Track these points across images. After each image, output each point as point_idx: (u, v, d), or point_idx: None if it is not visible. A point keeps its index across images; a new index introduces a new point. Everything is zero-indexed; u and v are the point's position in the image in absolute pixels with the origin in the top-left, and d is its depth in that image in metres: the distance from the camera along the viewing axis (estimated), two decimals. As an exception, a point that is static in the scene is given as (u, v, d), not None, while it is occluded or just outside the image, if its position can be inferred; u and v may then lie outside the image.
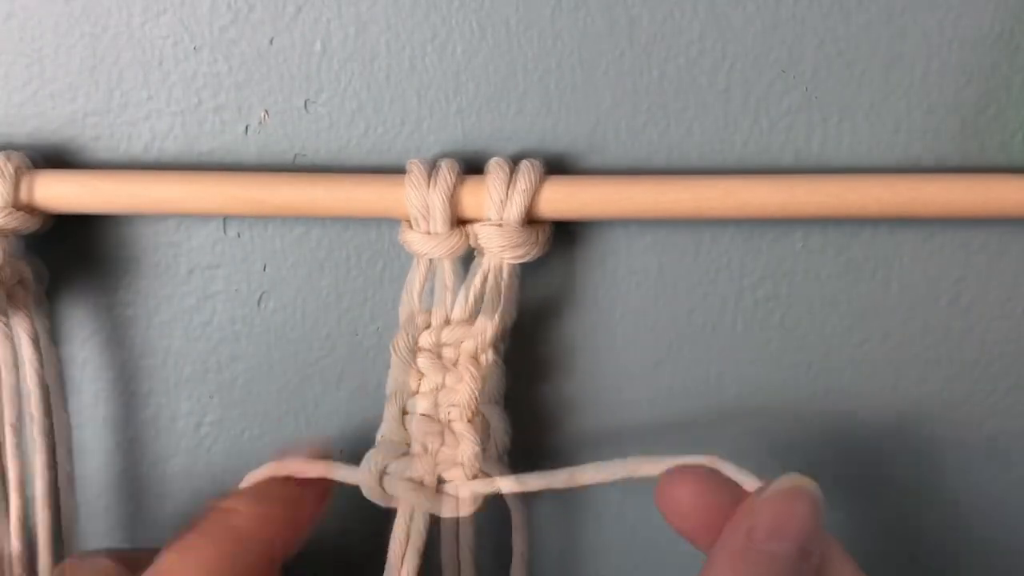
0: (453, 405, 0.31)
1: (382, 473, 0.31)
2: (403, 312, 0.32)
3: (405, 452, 0.32)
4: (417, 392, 0.32)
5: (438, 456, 0.31)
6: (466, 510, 0.31)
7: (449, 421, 0.31)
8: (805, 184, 0.31)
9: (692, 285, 0.35)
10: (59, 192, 0.32)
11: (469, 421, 0.31)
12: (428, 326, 0.32)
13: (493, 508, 0.35)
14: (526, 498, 0.33)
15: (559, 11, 0.32)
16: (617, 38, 0.32)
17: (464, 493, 0.32)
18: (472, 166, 0.33)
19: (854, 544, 0.38)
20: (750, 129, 0.33)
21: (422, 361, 0.32)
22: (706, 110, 0.33)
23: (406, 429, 0.32)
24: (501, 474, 0.33)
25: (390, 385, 0.32)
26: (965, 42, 0.32)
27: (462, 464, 0.31)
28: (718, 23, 0.32)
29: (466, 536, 0.34)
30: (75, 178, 0.32)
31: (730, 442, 0.36)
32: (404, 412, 0.32)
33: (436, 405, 0.32)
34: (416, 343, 0.32)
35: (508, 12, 0.32)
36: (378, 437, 0.32)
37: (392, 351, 0.32)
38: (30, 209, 0.32)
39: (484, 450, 0.32)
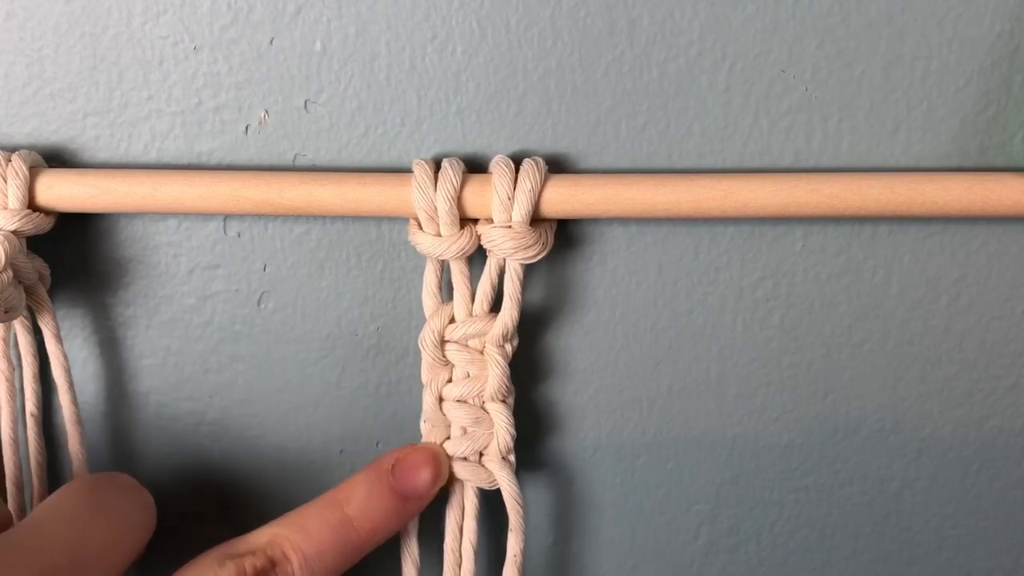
0: (484, 389, 0.33)
1: None
2: (426, 309, 0.33)
3: (447, 437, 0.34)
4: (450, 380, 0.33)
5: (475, 436, 0.33)
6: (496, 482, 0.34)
7: (482, 404, 0.33)
8: (805, 184, 0.31)
9: (692, 285, 0.35)
10: (62, 192, 0.32)
11: (503, 401, 0.33)
12: (452, 320, 0.33)
13: (489, 508, 0.35)
14: (523, 499, 0.34)
15: (559, 11, 0.32)
16: (617, 38, 0.32)
17: (469, 492, 0.34)
18: (472, 166, 0.33)
19: (854, 543, 0.38)
20: (750, 129, 0.33)
21: (451, 353, 0.33)
22: (706, 110, 0.33)
23: (444, 415, 0.33)
24: (504, 473, 0.33)
25: (424, 376, 0.34)
26: (965, 42, 0.32)
27: (497, 441, 0.33)
28: (718, 23, 0.32)
29: (470, 532, 0.34)
30: (78, 177, 0.32)
31: (730, 442, 0.36)
32: (441, 399, 0.33)
33: (468, 391, 0.33)
34: (443, 337, 0.33)
35: (508, 12, 0.32)
36: (422, 424, 0.34)
37: (421, 345, 0.33)
38: (37, 209, 0.32)
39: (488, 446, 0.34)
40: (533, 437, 0.36)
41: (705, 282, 0.35)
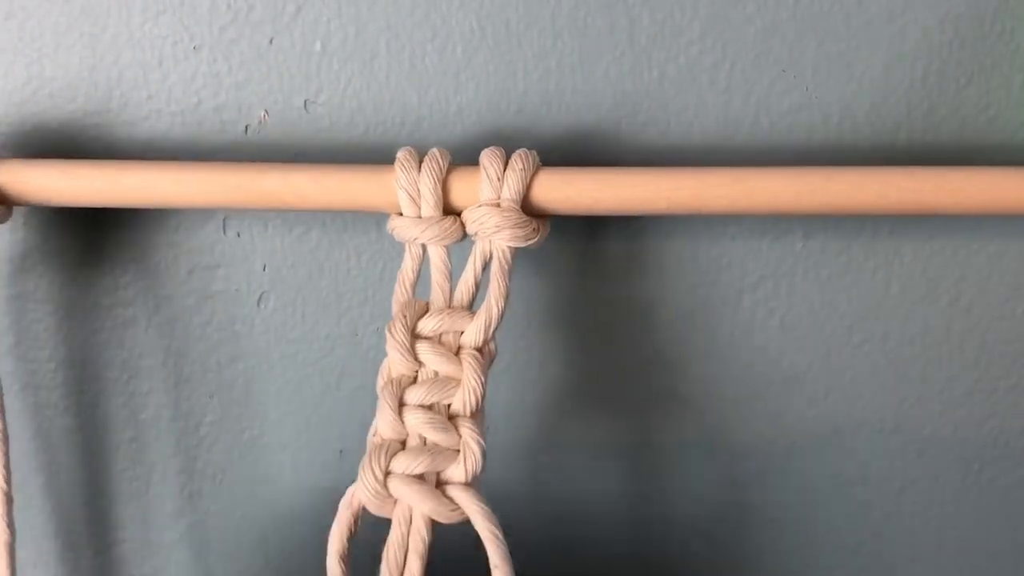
0: (454, 394, 0.28)
1: (387, 474, 0.28)
2: (396, 300, 0.30)
3: (400, 449, 0.28)
4: (415, 382, 0.29)
5: (437, 451, 0.28)
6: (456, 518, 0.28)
7: (451, 416, 0.28)
8: (810, 177, 0.30)
9: (692, 285, 0.35)
10: (17, 176, 0.30)
11: (472, 416, 0.28)
12: (425, 312, 0.29)
13: (468, 537, 0.33)
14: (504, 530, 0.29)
15: (559, 11, 0.32)
16: (617, 38, 0.32)
17: (418, 521, 0.28)
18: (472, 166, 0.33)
19: (854, 543, 0.38)
20: (750, 129, 0.33)
21: (422, 349, 0.29)
22: (706, 110, 0.33)
23: (403, 423, 0.28)
24: (475, 504, 0.28)
25: (384, 376, 0.29)
26: (965, 42, 0.32)
27: (464, 459, 0.28)
28: (718, 23, 0.32)
29: (413, 570, 0.28)
30: (38, 167, 0.31)
31: (730, 443, 0.36)
32: (401, 404, 0.28)
33: (435, 394, 0.28)
34: (415, 330, 0.29)
35: (508, 12, 0.32)
36: (370, 436, 0.29)
37: (388, 335, 0.29)
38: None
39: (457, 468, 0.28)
40: (531, 439, 0.36)
41: (705, 282, 0.35)
